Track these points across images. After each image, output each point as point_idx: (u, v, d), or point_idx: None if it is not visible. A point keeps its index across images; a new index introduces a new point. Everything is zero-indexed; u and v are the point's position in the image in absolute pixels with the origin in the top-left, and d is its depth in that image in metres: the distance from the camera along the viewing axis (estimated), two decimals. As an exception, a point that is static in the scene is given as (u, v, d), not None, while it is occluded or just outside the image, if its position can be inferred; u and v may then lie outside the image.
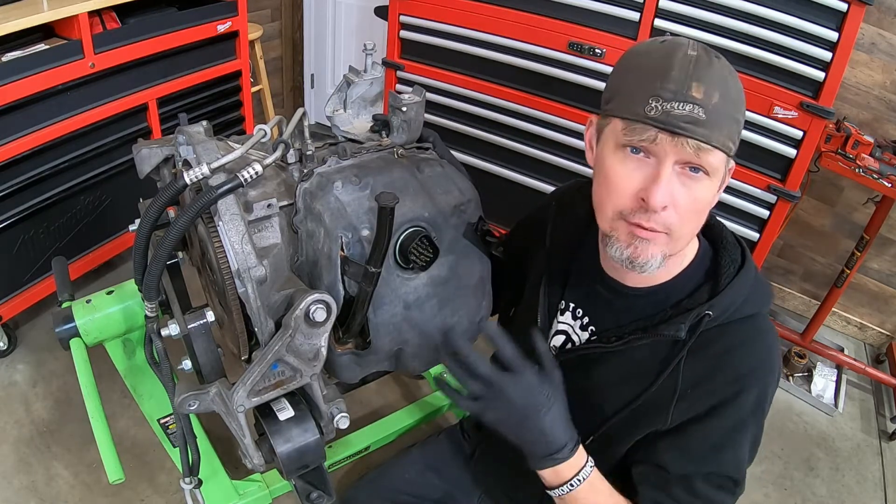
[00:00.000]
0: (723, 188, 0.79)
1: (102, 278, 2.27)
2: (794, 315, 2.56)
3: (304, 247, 0.97)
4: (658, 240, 0.77)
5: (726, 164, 0.76)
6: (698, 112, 0.69)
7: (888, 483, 1.92)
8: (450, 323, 1.02)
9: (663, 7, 1.71)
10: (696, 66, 0.71)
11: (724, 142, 0.72)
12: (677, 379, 0.84)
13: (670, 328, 0.82)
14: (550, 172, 2.09)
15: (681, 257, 0.86)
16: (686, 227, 0.77)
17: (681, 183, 0.74)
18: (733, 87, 0.73)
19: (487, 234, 1.06)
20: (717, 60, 0.73)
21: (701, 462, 0.84)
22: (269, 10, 3.14)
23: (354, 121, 1.14)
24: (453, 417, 1.82)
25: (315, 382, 0.98)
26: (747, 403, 0.82)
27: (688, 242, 0.81)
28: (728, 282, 0.83)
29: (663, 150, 0.72)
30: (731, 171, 0.79)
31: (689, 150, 0.71)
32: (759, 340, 0.84)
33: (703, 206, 0.76)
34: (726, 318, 0.83)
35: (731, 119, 0.72)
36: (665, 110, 0.70)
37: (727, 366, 0.82)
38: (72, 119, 1.86)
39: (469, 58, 2.07)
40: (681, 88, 0.70)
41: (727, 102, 0.71)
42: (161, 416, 1.48)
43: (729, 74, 0.73)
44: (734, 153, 0.75)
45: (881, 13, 1.98)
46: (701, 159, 0.72)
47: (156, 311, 0.99)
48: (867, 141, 1.81)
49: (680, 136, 0.70)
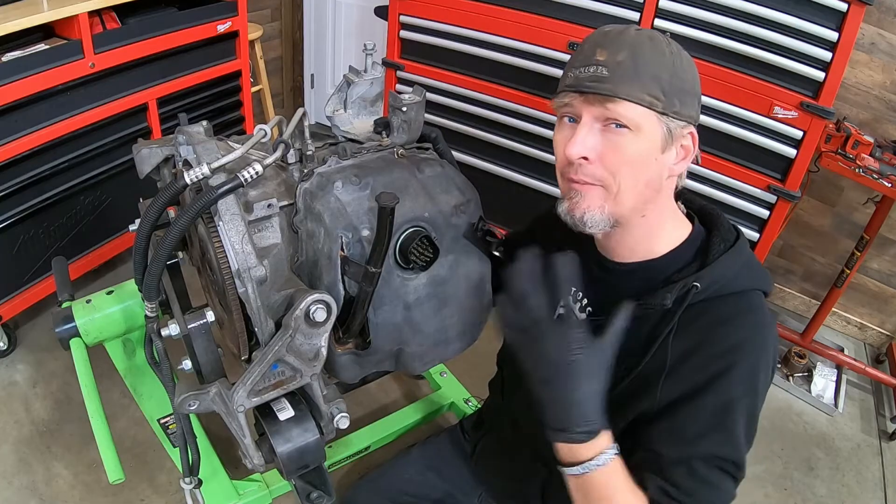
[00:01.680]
0: (685, 154, 0.84)
1: (102, 278, 2.27)
2: (794, 315, 2.56)
3: (304, 247, 0.97)
4: (591, 192, 0.83)
5: (663, 122, 0.80)
6: (601, 70, 0.78)
7: (888, 483, 1.92)
8: (450, 323, 1.02)
9: (663, 7, 1.71)
10: (604, 37, 0.81)
11: (637, 94, 0.78)
12: (666, 352, 0.84)
13: (657, 298, 0.85)
14: (550, 172, 2.09)
15: (663, 231, 0.89)
16: (621, 180, 0.81)
17: (605, 138, 0.81)
18: (649, 48, 0.79)
19: (487, 234, 1.06)
20: (637, 32, 0.80)
21: (694, 443, 0.82)
22: (269, 10, 3.14)
23: (354, 121, 1.14)
24: (453, 417, 1.82)
25: (315, 382, 0.98)
26: (736, 379, 0.81)
27: (636, 201, 0.83)
28: (717, 257, 0.86)
29: (579, 109, 0.82)
30: (692, 136, 0.84)
31: (597, 105, 0.79)
32: (748, 316, 0.84)
33: (631, 158, 0.80)
34: (715, 291, 0.84)
35: (646, 75, 0.78)
36: (575, 76, 0.81)
37: (715, 339, 0.83)
38: (72, 119, 1.86)
39: (469, 58, 2.07)
40: (587, 56, 0.80)
41: (637, 60, 0.78)
42: (161, 416, 1.48)
43: (648, 40, 0.79)
44: (666, 109, 0.79)
45: (881, 13, 1.98)
46: (611, 111, 0.79)
47: (156, 311, 0.99)
48: (867, 141, 1.81)
49: (586, 93, 0.79)
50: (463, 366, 1.78)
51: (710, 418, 0.82)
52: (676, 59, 0.80)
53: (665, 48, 0.80)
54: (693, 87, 0.83)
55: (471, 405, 1.77)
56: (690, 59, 0.83)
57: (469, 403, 1.78)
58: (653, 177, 0.83)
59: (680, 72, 0.80)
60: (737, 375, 0.81)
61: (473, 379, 1.80)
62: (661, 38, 0.81)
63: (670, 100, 0.79)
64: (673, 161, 0.84)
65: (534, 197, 2.14)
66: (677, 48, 0.82)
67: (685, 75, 0.81)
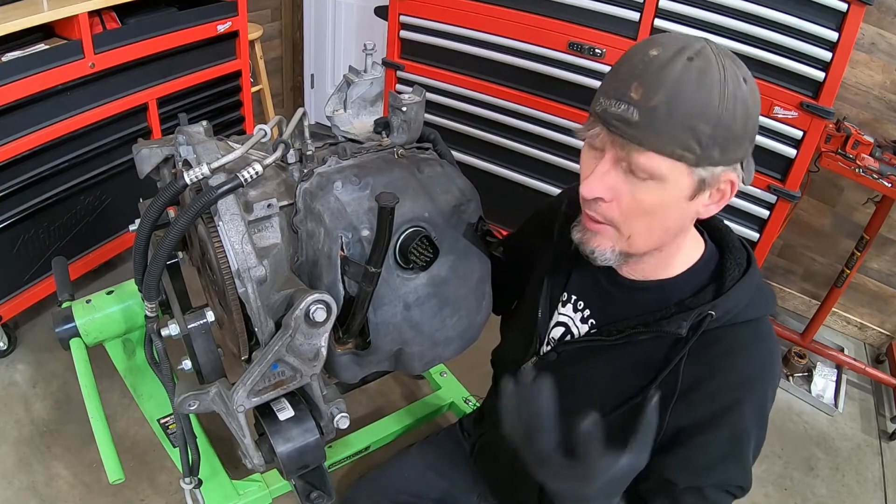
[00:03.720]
0: (720, 197, 0.77)
1: (102, 278, 2.27)
2: (794, 315, 2.56)
3: (304, 247, 0.97)
4: (604, 233, 0.79)
5: (695, 173, 0.72)
6: (632, 112, 0.69)
7: (888, 483, 1.92)
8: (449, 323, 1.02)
9: (663, 7, 1.71)
10: (645, 67, 0.69)
11: (665, 147, 0.69)
12: (677, 378, 0.83)
13: (672, 325, 0.82)
14: (550, 172, 2.10)
15: (679, 255, 0.86)
16: (633, 225, 0.77)
17: (626, 180, 0.74)
18: (694, 92, 0.68)
19: (487, 234, 1.06)
20: (688, 63, 0.68)
21: (707, 474, 0.84)
22: (269, 10, 3.14)
23: (354, 121, 1.14)
24: (453, 417, 1.82)
25: (315, 382, 0.98)
26: (749, 411, 0.82)
27: (650, 244, 0.81)
28: (733, 284, 0.83)
29: (603, 144, 0.75)
30: (731, 182, 0.75)
31: (620, 149, 0.72)
32: (761, 346, 0.84)
33: (649, 209, 0.75)
34: (729, 320, 0.82)
35: (681, 125, 0.68)
36: (604, 107, 0.72)
37: (727, 370, 0.82)
38: (72, 119, 1.85)
39: (469, 58, 2.07)
40: (621, 87, 0.71)
41: (674, 108, 0.68)
42: (161, 416, 1.48)
43: (696, 79, 0.68)
44: (700, 162, 0.71)
45: (881, 13, 1.98)
46: (634, 160, 0.72)
47: (156, 311, 0.99)
48: (867, 141, 1.81)
49: (613, 133, 0.72)
50: (463, 366, 1.78)
51: (723, 449, 0.83)
52: (728, 102, 0.69)
53: (717, 88, 0.68)
54: (744, 129, 0.71)
55: (470, 405, 1.77)
56: (751, 91, 0.72)
57: (469, 403, 1.78)
58: (673, 223, 0.78)
59: (728, 117, 0.69)
60: (749, 407, 0.82)
61: (473, 379, 1.80)
62: (717, 73, 0.68)
63: (707, 152, 0.70)
64: (704, 203, 0.77)
65: (534, 197, 2.14)
66: (736, 82, 0.69)
67: (735, 119, 0.70)
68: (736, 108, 0.70)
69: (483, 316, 1.09)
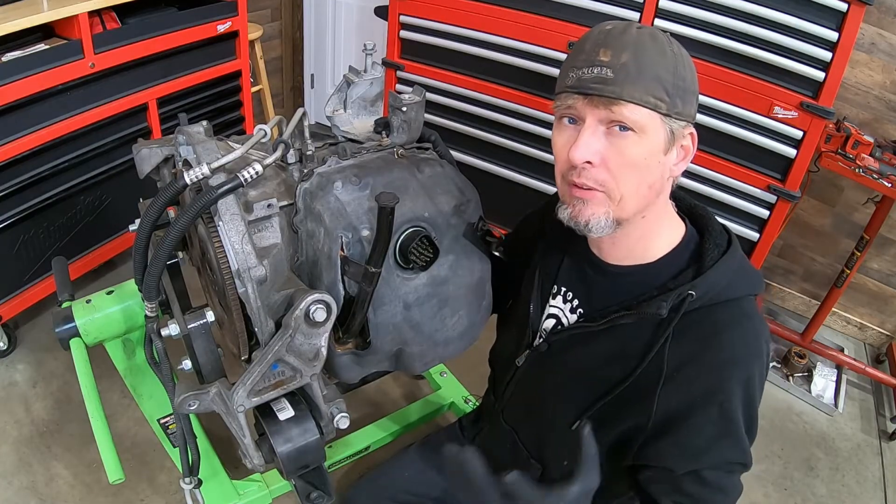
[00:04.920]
0: (684, 154, 0.84)
1: (102, 278, 2.27)
2: (794, 315, 2.56)
3: (304, 247, 0.97)
4: (595, 199, 0.82)
5: (666, 124, 0.79)
6: (605, 72, 0.77)
7: (888, 483, 1.92)
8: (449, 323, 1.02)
9: (663, 7, 1.71)
10: (606, 36, 0.79)
11: (642, 97, 0.76)
12: (662, 360, 0.85)
13: (652, 306, 0.84)
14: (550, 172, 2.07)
15: (660, 236, 0.89)
16: (624, 184, 0.81)
17: (609, 142, 0.79)
18: (651, 48, 0.77)
19: (487, 234, 1.06)
20: (639, 30, 0.78)
21: (704, 456, 0.84)
22: (269, 10, 3.14)
23: (354, 121, 1.14)
24: (453, 417, 1.82)
25: (315, 382, 0.98)
26: (735, 389, 0.82)
27: (639, 204, 0.83)
28: (712, 264, 0.85)
29: (582, 112, 0.80)
30: (692, 136, 0.83)
31: (602, 108, 0.77)
32: (745, 324, 0.85)
33: (635, 161, 0.80)
34: (710, 299, 0.84)
35: (650, 76, 0.76)
36: (578, 76, 0.79)
37: (712, 349, 0.83)
38: (72, 119, 1.86)
39: (469, 58, 2.07)
40: (590, 56, 0.78)
41: (641, 61, 0.76)
42: (161, 416, 1.48)
43: (650, 40, 0.78)
44: (669, 110, 0.78)
45: (881, 13, 1.98)
46: (616, 114, 0.77)
47: (156, 311, 0.99)
48: (867, 141, 1.81)
49: (591, 95, 0.78)
50: (463, 366, 1.78)
51: (715, 429, 0.83)
52: (678, 59, 0.79)
53: (667, 48, 0.79)
54: (693, 85, 0.82)
55: (470, 404, 1.77)
56: (689, 56, 0.83)
57: (469, 403, 1.78)
58: (655, 179, 0.82)
59: (682, 71, 0.79)
60: (735, 385, 0.82)
61: (473, 379, 1.80)
62: (663, 36, 0.80)
63: (673, 100, 0.78)
64: (674, 161, 0.83)
65: (534, 197, 2.14)
66: (678, 46, 0.81)
67: (686, 74, 0.80)
68: (684, 60, 0.80)
69: (483, 316, 1.09)
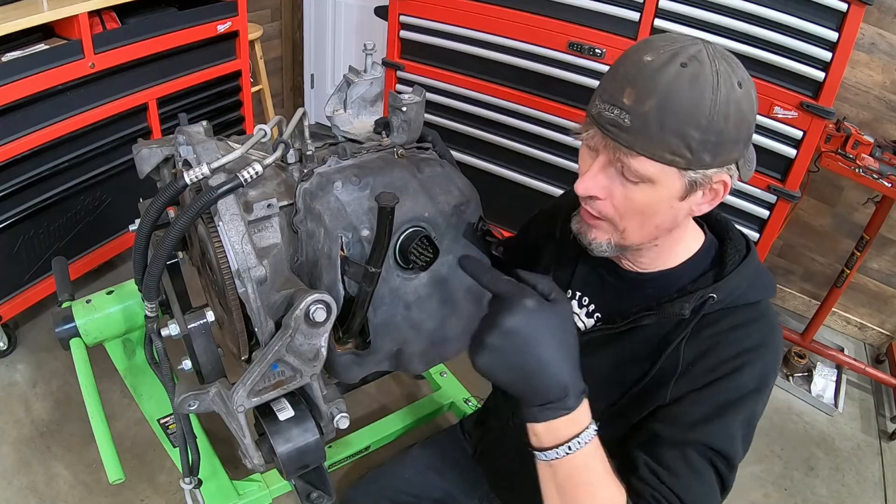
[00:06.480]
0: (713, 196, 0.78)
1: (102, 278, 2.27)
2: (794, 315, 2.56)
3: (304, 247, 0.97)
4: (599, 226, 0.83)
5: (685, 175, 0.74)
6: (624, 118, 0.72)
7: (888, 483, 1.92)
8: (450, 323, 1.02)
9: (663, 7, 1.71)
10: (639, 72, 0.71)
11: (656, 152, 0.71)
12: (678, 356, 0.85)
13: (675, 307, 0.84)
14: (550, 172, 2.10)
15: (679, 248, 0.88)
16: (627, 223, 0.80)
17: (619, 181, 0.77)
18: (687, 96, 0.69)
19: (487, 234, 1.06)
20: (682, 69, 0.69)
21: (691, 429, 0.82)
22: (269, 10, 3.14)
23: (354, 121, 1.14)
24: (453, 417, 1.82)
25: (315, 382, 0.98)
26: (749, 379, 0.82)
27: (644, 239, 0.83)
28: (733, 268, 0.86)
29: (597, 145, 0.77)
30: (722, 184, 0.77)
31: (614, 150, 0.74)
32: (762, 322, 0.85)
33: (641, 208, 0.77)
34: (730, 302, 0.84)
35: (671, 131, 0.70)
36: (599, 110, 0.75)
37: (730, 342, 0.84)
38: (72, 119, 1.86)
39: (469, 58, 2.07)
40: (615, 91, 0.73)
41: (666, 113, 0.69)
42: (161, 416, 1.48)
43: (688, 84, 0.69)
44: (690, 166, 0.72)
45: (881, 13, 1.98)
46: (625, 163, 0.74)
47: (156, 311, 0.98)
48: (867, 141, 1.81)
49: (607, 136, 0.74)
50: (463, 366, 1.77)
51: (712, 409, 0.83)
52: (720, 107, 0.70)
53: (708, 94, 0.69)
54: (736, 133, 0.72)
55: (471, 405, 1.77)
56: (746, 94, 0.72)
57: (469, 403, 1.78)
58: (665, 221, 0.80)
59: (719, 123, 0.70)
60: (749, 375, 0.82)
61: (473, 379, 1.80)
62: (710, 78, 0.69)
63: (698, 155, 0.72)
64: (697, 202, 0.79)
65: (534, 197, 2.14)
66: (729, 86, 0.70)
67: (727, 124, 0.71)
68: (728, 113, 0.71)
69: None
